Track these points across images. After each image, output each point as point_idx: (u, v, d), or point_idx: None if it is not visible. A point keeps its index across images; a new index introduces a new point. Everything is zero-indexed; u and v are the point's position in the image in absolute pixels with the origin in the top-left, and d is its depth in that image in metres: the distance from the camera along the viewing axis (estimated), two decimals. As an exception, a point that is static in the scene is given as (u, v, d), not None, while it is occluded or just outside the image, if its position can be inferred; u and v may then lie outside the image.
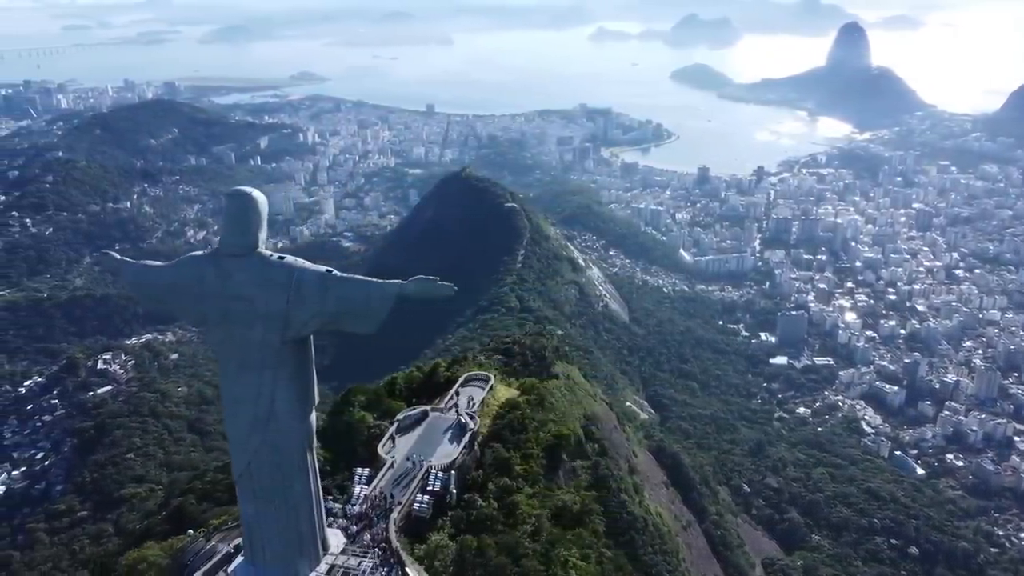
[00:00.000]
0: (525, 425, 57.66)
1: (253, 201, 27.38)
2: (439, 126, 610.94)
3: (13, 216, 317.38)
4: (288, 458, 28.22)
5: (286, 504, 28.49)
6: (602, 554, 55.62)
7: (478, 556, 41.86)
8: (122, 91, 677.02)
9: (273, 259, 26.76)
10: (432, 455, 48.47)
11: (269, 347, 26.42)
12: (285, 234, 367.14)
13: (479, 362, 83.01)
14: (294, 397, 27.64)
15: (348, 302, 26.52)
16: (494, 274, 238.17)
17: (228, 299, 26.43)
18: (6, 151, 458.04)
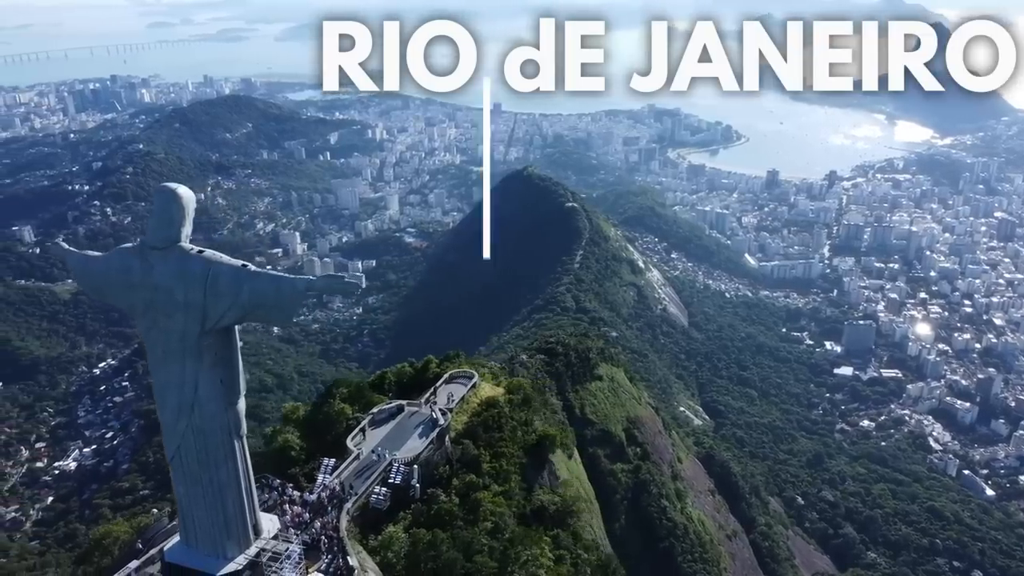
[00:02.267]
0: (501, 424, 56.91)
1: (178, 197, 28.48)
2: (505, 124, 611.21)
3: (95, 205, 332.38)
4: (213, 444, 29.03)
5: (212, 487, 29.38)
6: (579, 556, 55.08)
7: (430, 549, 42.49)
8: (201, 87, 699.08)
9: (192, 253, 27.78)
10: (398, 449, 49.22)
11: (190, 337, 27.49)
12: (350, 228, 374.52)
13: (496, 359, 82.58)
14: (217, 385, 28.54)
15: (260, 295, 27.00)
16: (551, 274, 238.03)
17: (151, 289, 27.59)
18: (92, 143, 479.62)
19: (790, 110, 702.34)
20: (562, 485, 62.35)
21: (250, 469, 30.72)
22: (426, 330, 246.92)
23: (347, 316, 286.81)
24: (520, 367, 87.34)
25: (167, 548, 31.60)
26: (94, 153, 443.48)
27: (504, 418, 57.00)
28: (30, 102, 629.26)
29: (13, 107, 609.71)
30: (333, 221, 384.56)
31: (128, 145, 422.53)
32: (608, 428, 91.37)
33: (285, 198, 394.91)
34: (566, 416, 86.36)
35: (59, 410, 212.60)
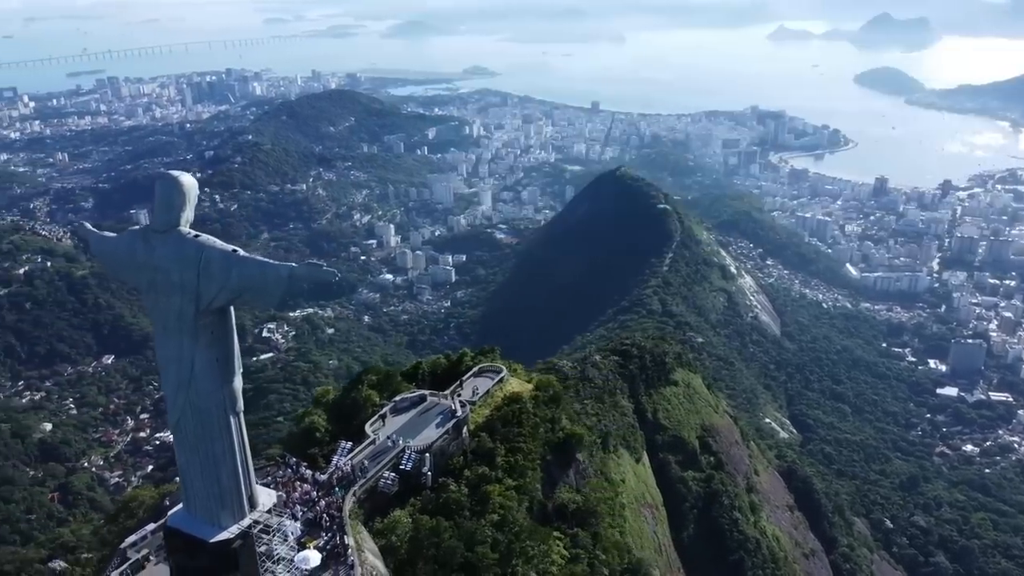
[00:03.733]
0: (522, 419, 56.56)
1: (179, 184, 29.33)
2: (602, 123, 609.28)
3: (205, 192, 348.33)
4: (209, 418, 30.26)
5: (208, 459, 30.66)
6: (596, 557, 54.03)
7: (432, 536, 42.92)
8: (309, 81, 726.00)
9: (189, 237, 28.68)
10: (414, 437, 49.67)
11: (186, 316, 28.73)
12: (443, 223, 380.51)
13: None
14: (212, 363, 29.68)
15: (248, 279, 28.12)
16: (639, 275, 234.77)
17: (153, 270, 28.89)
18: (205, 132, 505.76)
19: (904, 115, 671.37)
20: (587, 485, 61.67)
21: (246, 444, 31.89)
22: (511, 326, 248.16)
23: (435, 308, 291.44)
24: (592, 367, 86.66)
25: (170, 513, 33.16)
26: (207, 142, 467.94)
27: (526, 414, 56.60)
28: (152, 93, 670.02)
29: (137, 98, 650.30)
30: (427, 215, 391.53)
31: (238, 136, 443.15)
32: (681, 434, 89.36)
33: (382, 191, 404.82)
34: (636, 419, 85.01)
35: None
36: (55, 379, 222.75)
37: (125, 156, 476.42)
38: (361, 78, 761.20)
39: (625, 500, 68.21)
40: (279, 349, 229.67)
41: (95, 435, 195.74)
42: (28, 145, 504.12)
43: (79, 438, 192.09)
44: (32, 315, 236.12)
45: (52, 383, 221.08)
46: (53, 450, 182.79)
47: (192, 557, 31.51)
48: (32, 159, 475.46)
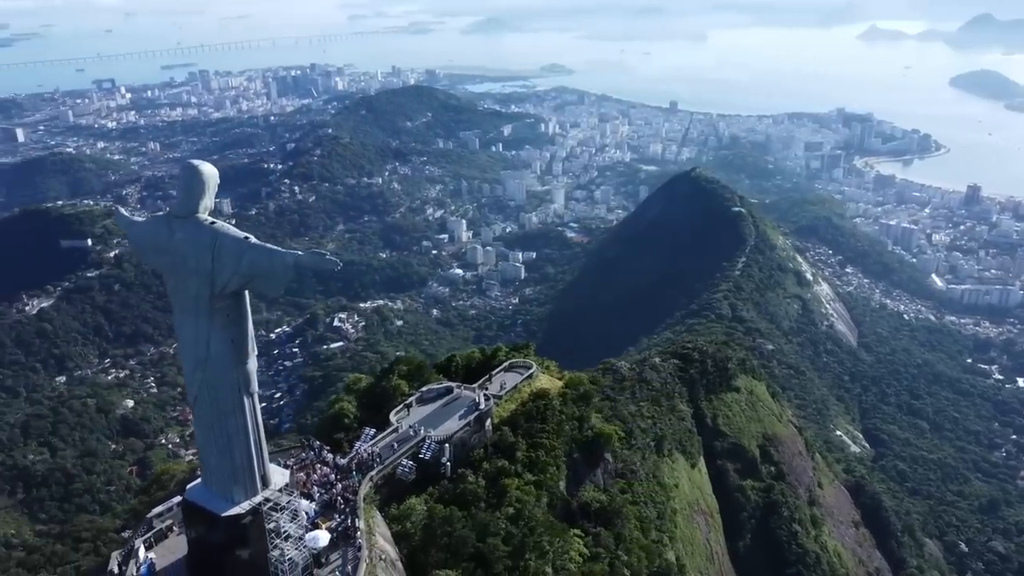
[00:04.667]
0: (546, 416, 56.35)
1: (199, 173, 30.49)
2: (680, 124, 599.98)
3: (285, 183, 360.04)
4: (223, 397, 31.77)
5: (222, 436, 32.17)
6: (617, 557, 53.19)
7: (445, 525, 43.26)
8: (389, 76, 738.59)
9: (205, 223, 29.94)
10: (436, 427, 50.06)
11: (202, 298, 30.12)
12: (515, 219, 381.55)
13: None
14: (227, 345, 31.06)
15: (257, 266, 29.25)
16: (710, 279, 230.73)
17: (172, 254, 30.36)
18: (288, 125, 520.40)
19: (1002, 120, 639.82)
20: (615, 485, 60.94)
21: (260, 424, 33.20)
22: (578, 325, 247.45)
23: (503, 305, 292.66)
24: (650, 370, 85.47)
25: (189, 487, 34.57)
26: (289, 135, 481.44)
27: (551, 411, 56.40)
28: (240, 86, 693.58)
29: (226, 90, 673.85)
30: (499, 211, 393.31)
31: (319, 129, 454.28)
32: (741, 442, 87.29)
33: (456, 186, 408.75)
34: (695, 424, 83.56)
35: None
36: (139, 358, 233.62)
37: (212, 147, 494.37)
38: (439, 74, 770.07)
39: (677, 505, 67.25)
40: (349, 339, 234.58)
41: (173, 413, 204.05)
42: (123, 134, 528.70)
43: (158, 416, 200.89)
44: (120, 297, 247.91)
45: (136, 362, 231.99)
46: (134, 426, 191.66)
47: (206, 530, 33.11)
48: (127, 148, 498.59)
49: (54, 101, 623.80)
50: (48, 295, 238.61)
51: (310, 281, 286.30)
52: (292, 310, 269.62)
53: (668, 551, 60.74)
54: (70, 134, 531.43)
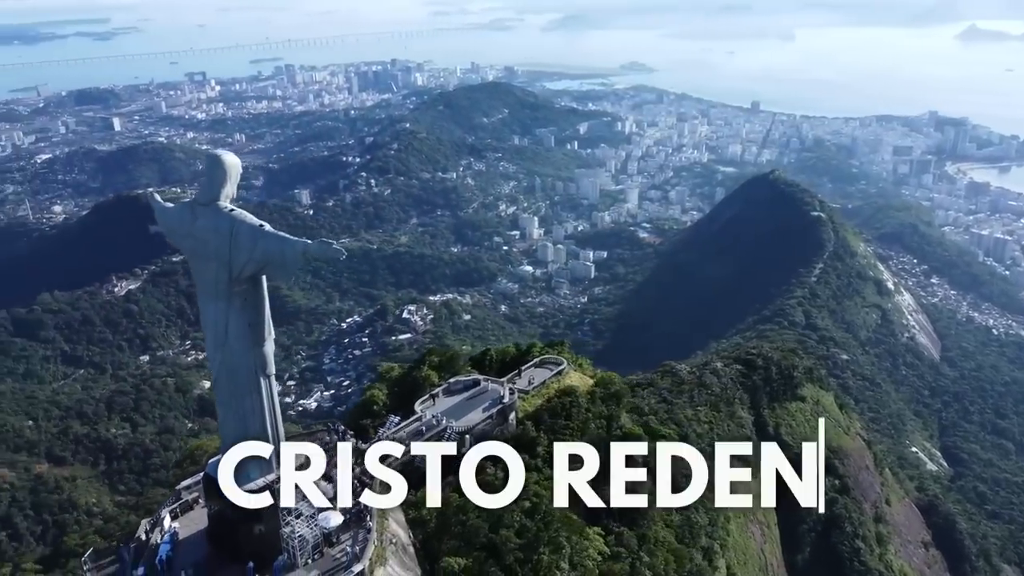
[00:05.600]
0: (571, 412, 55.62)
1: (222, 163, 32.02)
2: (761, 125, 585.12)
3: (362, 176, 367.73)
4: (240, 378, 33.41)
5: (239, 414, 33.89)
6: (639, 558, 52.22)
7: (458, 514, 43.72)
8: (468, 72, 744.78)
9: (225, 211, 31.30)
10: (459, 418, 50.42)
11: (221, 282, 31.67)
12: (587, 218, 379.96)
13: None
14: (244, 327, 32.61)
15: (269, 252, 30.69)
16: (784, 285, 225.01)
17: (195, 239, 31.96)
18: (367, 120, 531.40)
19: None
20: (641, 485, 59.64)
21: (276, 405, 34.79)
22: (646, 326, 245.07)
23: (572, 303, 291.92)
24: (711, 374, 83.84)
25: (210, 462, 35.94)
26: (368, 129, 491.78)
27: (576, 408, 55.79)
28: (323, 80, 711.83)
29: (310, 84, 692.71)
30: (571, 209, 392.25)
31: (397, 123, 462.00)
32: (804, 453, 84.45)
33: (529, 183, 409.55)
34: (755, 432, 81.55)
35: (309, 355, 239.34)
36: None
37: (294, 139, 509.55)
38: (518, 71, 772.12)
39: (731, 514, 65.80)
40: (417, 331, 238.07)
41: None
42: (212, 125, 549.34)
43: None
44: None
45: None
46: (209, 406, 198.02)
47: (223, 504, 34.20)
48: (214, 138, 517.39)
49: (149, 92, 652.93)
50: (136, 278, 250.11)
51: (381, 273, 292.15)
52: (364, 301, 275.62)
53: (718, 558, 59.64)
54: (162, 124, 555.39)
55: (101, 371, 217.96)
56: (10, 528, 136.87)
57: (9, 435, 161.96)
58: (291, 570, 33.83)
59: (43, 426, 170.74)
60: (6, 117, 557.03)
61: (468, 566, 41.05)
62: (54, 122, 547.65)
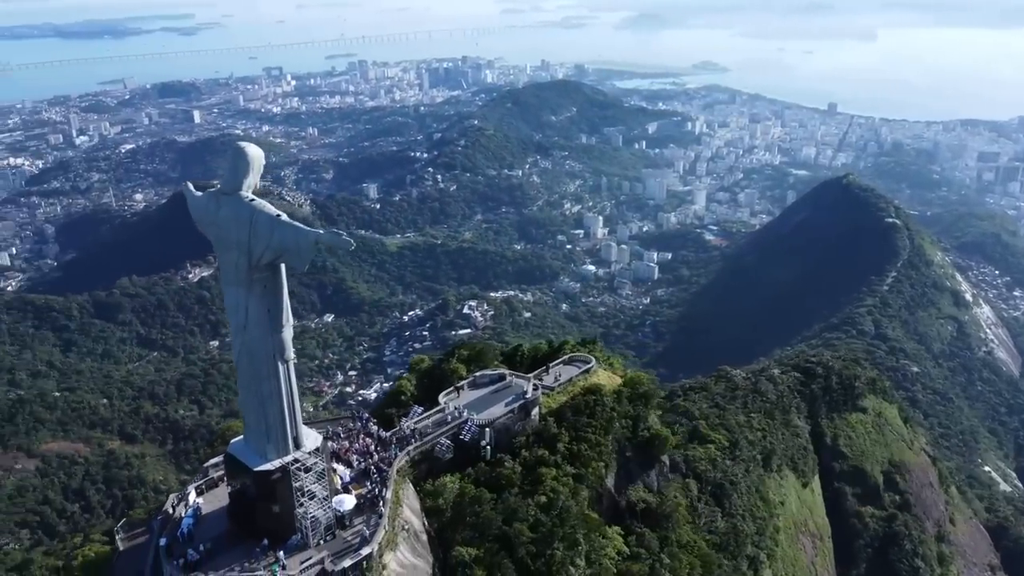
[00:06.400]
0: (595, 411, 54.80)
1: (245, 154, 33.15)
2: (838, 127, 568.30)
3: (428, 172, 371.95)
4: (259, 362, 34.52)
5: (258, 397, 35.06)
6: (659, 560, 51.38)
7: (473, 504, 44.22)
8: (538, 70, 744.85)
9: (246, 200, 32.37)
10: (481, 411, 50.73)
11: (241, 269, 32.86)
12: (652, 219, 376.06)
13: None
14: (263, 313, 33.71)
15: (285, 241, 31.69)
16: (855, 293, 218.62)
17: (219, 227, 33.19)
18: (437, 116, 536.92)
19: None
20: (669, 488, 58.87)
21: (294, 390, 35.79)
22: (709, 330, 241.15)
23: (633, 304, 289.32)
24: (767, 381, 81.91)
25: (232, 442, 37.60)
26: (436, 125, 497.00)
27: (601, 407, 55.18)
28: (395, 76, 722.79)
29: (382, 80, 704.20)
30: (637, 210, 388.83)
31: (465, 120, 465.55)
32: (862, 466, 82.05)
33: (595, 182, 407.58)
34: (811, 442, 79.39)
35: (371, 346, 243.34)
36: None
37: (364, 134, 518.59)
38: (588, 69, 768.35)
39: (781, 523, 64.27)
40: (476, 326, 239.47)
41: (309, 384, 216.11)
42: (286, 119, 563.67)
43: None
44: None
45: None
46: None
47: (242, 482, 36.24)
48: (288, 132, 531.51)
49: (227, 86, 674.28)
50: (209, 265, 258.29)
51: (445, 268, 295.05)
52: (426, 295, 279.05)
53: (764, 568, 58.33)
54: (239, 117, 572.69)
55: (173, 354, 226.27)
56: (83, 500, 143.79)
57: (86, 412, 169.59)
58: (303, 549, 35.02)
59: (117, 405, 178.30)
60: (95, 108, 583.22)
61: (479, 556, 41.47)
62: (138, 114, 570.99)
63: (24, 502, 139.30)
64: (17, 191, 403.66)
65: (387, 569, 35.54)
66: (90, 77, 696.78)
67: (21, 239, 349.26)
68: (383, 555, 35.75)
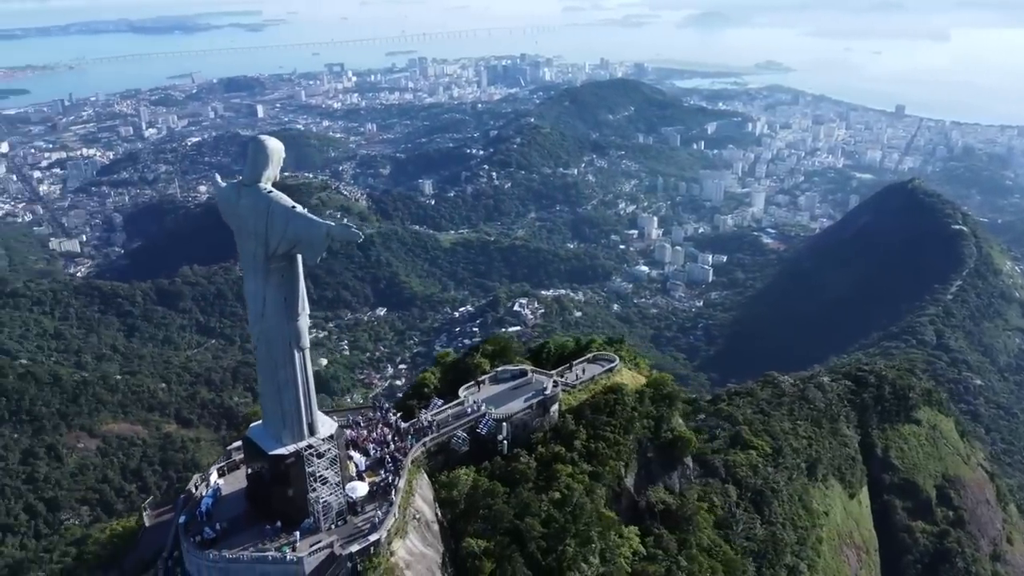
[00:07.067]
0: (615, 410, 54.10)
1: (264, 147, 34.15)
2: (906, 130, 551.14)
3: (484, 169, 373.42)
4: (275, 349, 35.64)
5: (275, 384, 36.08)
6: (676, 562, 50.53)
7: (486, 497, 44.55)
8: (597, 68, 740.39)
9: (264, 192, 33.38)
10: (499, 406, 50.81)
11: (259, 259, 34.01)
12: (708, 220, 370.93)
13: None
14: (280, 302, 34.77)
15: (298, 232, 32.80)
16: (916, 301, 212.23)
17: (239, 217, 34.34)
18: (493, 113, 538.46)
19: None
20: (690, 490, 57.79)
21: (310, 377, 36.80)
22: (763, 335, 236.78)
23: (686, 307, 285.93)
24: (815, 388, 79.93)
25: (251, 426, 38.81)
26: (493, 122, 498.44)
27: (621, 406, 54.52)
28: (454, 74, 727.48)
29: (440, 77, 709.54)
30: (693, 211, 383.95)
31: (522, 118, 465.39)
32: (914, 480, 79.38)
33: (651, 182, 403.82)
34: (860, 453, 77.22)
35: (422, 340, 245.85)
36: (336, 322, 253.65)
37: (422, 130, 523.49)
38: (648, 68, 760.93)
39: (824, 534, 62.73)
40: (527, 324, 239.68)
41: (360, 376, 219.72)
42: (346, 115, 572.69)
43: (346, 376, 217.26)
44: (326, 264, 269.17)
45: (333, 325, 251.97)
46: (324, 383, 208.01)
47: (259, 465, 37.50)
48: (347, 127, 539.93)
49: (290, 82, 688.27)
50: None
51: (497, 265, 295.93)
52: (477, 291, 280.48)
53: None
54: (301, 112, 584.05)
55: (230, 342, 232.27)
56: (140, 480, 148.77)
57: (145, 395, 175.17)
58: (315, 532, 35.97)
59: (175, 389, 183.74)
60: (163, 102, 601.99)
61: (489, 549, 41.68)
62: (205, 107, 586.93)
63: (85, 480, 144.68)
64: (89, 181, 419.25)
65: (395, 556, 36.07)
66: (160, 71, 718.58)
67: (91, 227, 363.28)
68: (392, 542, 36.42)
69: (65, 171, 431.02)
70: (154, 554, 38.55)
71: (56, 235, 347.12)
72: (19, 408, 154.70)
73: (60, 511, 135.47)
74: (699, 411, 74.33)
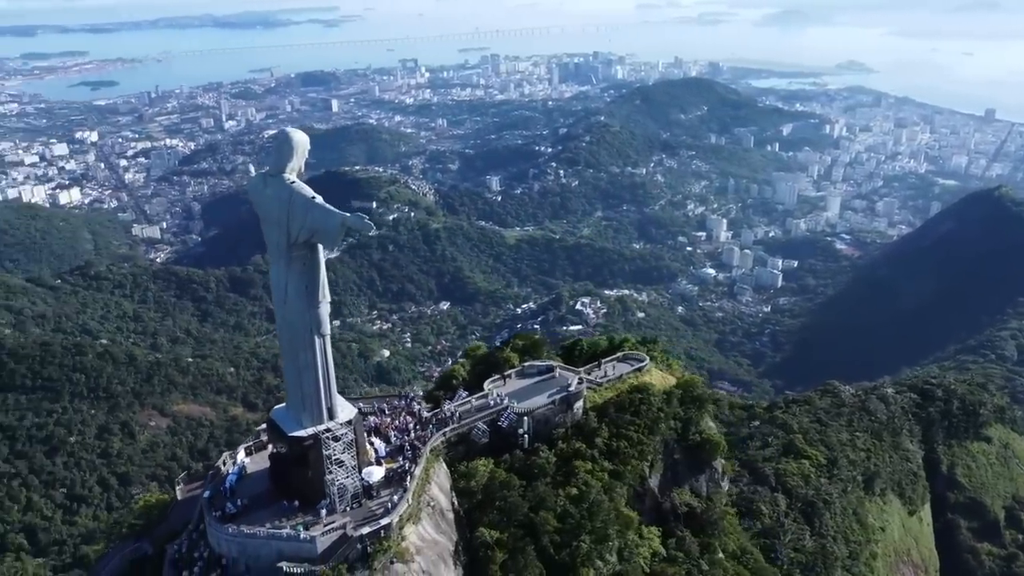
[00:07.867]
0: (640, 410, 53.25)
1: (290, 139, 35.40)
2: (995, 135, 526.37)
3: (551, 166, 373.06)
4: (297, 335, 36.97)
5: (296, 368, 37.41)
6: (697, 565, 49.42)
7: (502, 489, 44.73)
8: (670, 67, 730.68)
9: (287, 182, 34.47)
10: (523, 400, 50.72)
11: (282, 246, 35.17)
12: (780, 224, 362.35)
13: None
14: (301, 289, 35.99)
15: (317, 221, 33.89)
16: (999, 315, 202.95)
17: (265, 206, 35.48)
18: (564, 111, 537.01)
19: None
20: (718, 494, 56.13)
21: (330, 363, 37.83)
22: (832, 344, 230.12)
23: (753, 311, 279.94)
24: (877, 400, 77.01)
25: (275, 408, 40.24)
26: (563, 120, 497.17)
27: (647, 406, 53.57)
28: (525, 71, 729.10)
29: (512, 74, 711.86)
30: (764, 214, 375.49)
31: (592, 116, 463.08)
32: (982, 499, 75.73)
33: (721, 184, 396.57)
34: (923, 469, 74.11)
35: (483, 336, 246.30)
36: (400, 314, 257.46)
37: (491, 127, 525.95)
38: (723, 67, 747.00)
39: (879, 550, 60.50)
40: (588, 323, 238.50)
41: (420, 368, 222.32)
42: (418, 110, 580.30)
43: (407, 368, 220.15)
44: (392, 256, 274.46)
45: (398, 317, 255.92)
46: (386, 374, 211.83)
47: (279, 445, 38.78)
48: (418, 122, 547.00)
49: (365, 77, 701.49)
50: (336, 247, 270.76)
51: (561, 263, 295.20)
52: (540, 288, 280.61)
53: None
54: (374, 107, 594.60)
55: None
56: (207, 460, 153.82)
57: (214, 379, 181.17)
58: (331, 513, 37.03)
59: (242, 374, 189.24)
60: (243, 95, 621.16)
61: (502, 540, 41.88)
62: (282, 101, 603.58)
63: (155, 457, 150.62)
64: (171, 170, 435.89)
65: (406, 540, 36.68)
66: (241, 65, 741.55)
67: (171, 214, 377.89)
68: (404, 527, 37.06)
69: (149, 160, 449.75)
70: (182, 526, 40.21)
71: (139, 221, 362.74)
72: (96, 385, 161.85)
73: (131, 485, 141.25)
74: (754, 418, 72.81)
